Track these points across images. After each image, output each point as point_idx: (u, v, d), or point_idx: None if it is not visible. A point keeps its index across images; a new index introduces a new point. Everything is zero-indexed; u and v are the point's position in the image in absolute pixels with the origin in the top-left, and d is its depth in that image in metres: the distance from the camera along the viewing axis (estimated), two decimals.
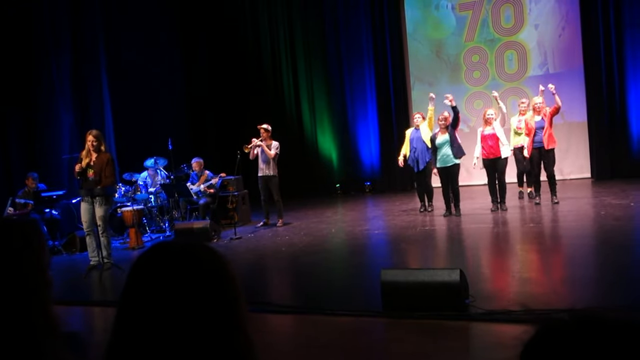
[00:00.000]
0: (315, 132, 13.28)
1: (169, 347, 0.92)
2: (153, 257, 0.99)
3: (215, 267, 0.98)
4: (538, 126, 8.24)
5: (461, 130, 12.02)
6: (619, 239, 6.25)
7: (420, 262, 6.38)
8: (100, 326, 4.91)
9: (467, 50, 11.99)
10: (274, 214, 9.30)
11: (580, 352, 0.68)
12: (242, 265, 7.05)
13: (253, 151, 9.07)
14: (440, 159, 8.33)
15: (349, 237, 8.02)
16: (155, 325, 0.92)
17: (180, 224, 8.94)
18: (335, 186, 12.87)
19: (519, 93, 11.34)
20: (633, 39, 10.62)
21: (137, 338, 0.93)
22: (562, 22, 11.26)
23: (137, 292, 0.97)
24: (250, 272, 6.68)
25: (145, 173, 9.83)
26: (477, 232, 7.31)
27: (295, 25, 13.25)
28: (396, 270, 4.60)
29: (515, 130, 8.93)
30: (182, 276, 0.95)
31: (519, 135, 8.81)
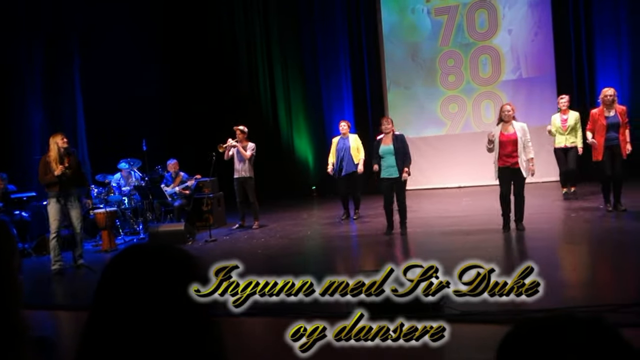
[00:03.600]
0: (292, 134, 13.27)
1: (141, 350, 0.91)
2: (126, 259, 0.98)
3: (188, 269, 0.98)
4: (610, 122, 7.45)
5: (436, 133, 12.22)
6: (589, 239, 6.40)
7: (397, 264, 6.41)
8: (70, 330, 4.81)
9: (442, 54, 12.13)
10: (250, 216, 9.26)
11: (553, 351, 0.71)
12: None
13: (228, 152, 9.01)
14: (384, 169, 7.45)
15: (325, 239, 8.02)
16: (127, 328, 0.92)
17: (155, 226, 8.83)
18: (311, 188, 12.87)
19: (493, 97, 11.53)
20: (603, 45, 10.89)
21: (108, 341, 0.92)
22: (535, 27, 11.49)
23: (109, 295, 0.96)
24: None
25: (119, 174, 9.69)
26: (451, 236, 7.38)
27: (272, 28, 13.22)
28: (372, 272, 4.61)
29: (558, 129, 8.76)
30: (155, 279, 0.94)
31: (562, 135, 8.74)
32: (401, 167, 7.34)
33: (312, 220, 9.72)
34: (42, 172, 6.89)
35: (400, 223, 7.55)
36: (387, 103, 12.59)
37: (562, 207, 8.52)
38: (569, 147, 8.72)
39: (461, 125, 12.10)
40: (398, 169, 7.34)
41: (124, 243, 9.03)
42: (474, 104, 11.97)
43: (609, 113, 7.47)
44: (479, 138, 10.47)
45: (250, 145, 9.05)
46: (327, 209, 10.80)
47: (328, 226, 8.92)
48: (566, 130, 8.70)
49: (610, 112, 7.47)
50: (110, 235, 8.49)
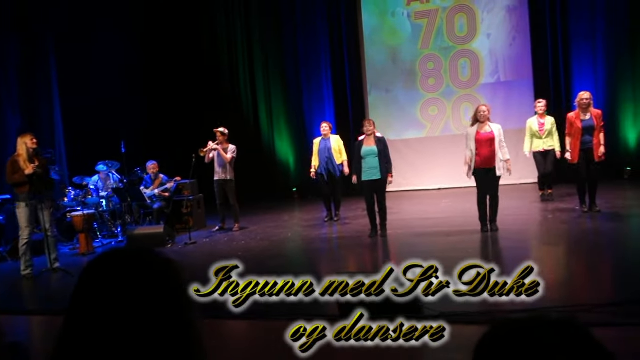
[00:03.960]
0: (273, 136, 13.24)
1: (118, 355, 0.90)
2: (103, 264, 0.97)
3: (167, 274, 0.97)
4: (585, 125, 7.56)
5: (416, 136, 12.32)
6: (566, 240, 6.50)
7: (376, 266, 6.44)
8: (45, 335, 4.73)
9: (422, 57, 12.23)
10: (230, 219, 9.21)
11: (527, 352, 0.73)
12: (197, 270, 6.92)
13: (209, 155, 8.96)
14: (366, 171, 7.41)
15: (306, 241, 8.02)
16: (104, 333, 0.90)
17: (133, 229, 8.73)
18: (292, 190, 12.85)
19: (472, 100, 11.65)
20: (579, 50, 11.10)
21: (84, 347, 0.91)
22: (513, 32, 11.65)
23: (86, 300, 0.94)
24: (204, 278, 6.57)
25: (97, 177, 9.57)
26: (430, 238, 7.44)
27: (253, 29, 13.19)
28: (352, 274, 4.62)
29: (535, 133, 8.88)
30: (133, 283, 0.93)
31: (539, 139, 8.86)
32: (383, 169, 7.34)
33: (293, 222, 9.71)
34: (10, 171, 6.70)
35: (381, 225, 7.57)
36: (368, 105, 12.64)
37: (539, 209, 8.66)
38: (547, 151, 8.87)
39: (441, 127, 12.22)
40: (380, 171, 7.34)
41: (102, 246, 8.90)
42: (453, 106, 12.09)
43: (585, 117, 7.60)
44: (459, 140, 10.57)
45: (231, 148, 9.01)
46: (308, 211, 10.80)
47: (309, 228, 8.91)
48: (544, 134, 8.85)
49: (586, 116, 7.60)
50: (87, 239, 8.37)
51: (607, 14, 10.85)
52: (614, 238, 6.54)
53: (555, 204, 8.84)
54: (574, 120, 7.66)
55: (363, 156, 7.40)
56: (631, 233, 7.03)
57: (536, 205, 8.98)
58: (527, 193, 10.06)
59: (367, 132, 7.51)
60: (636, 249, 6.13)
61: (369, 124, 7.58)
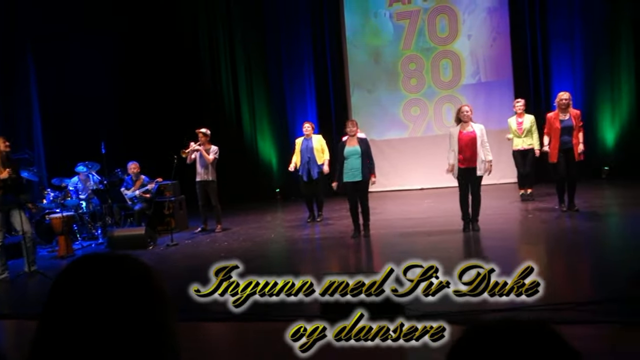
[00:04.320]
0: (255, 136, 13.19)
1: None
2: (79, 269, 0.95)
3: (143, 279, 0.95)
4: (565, 125, 7.65)
5: (398, 136, 12.38)
6: (545, 239, 6.57)
7: (359, 267, 6.45)
8: (19, 340, 4.64)
9: (404, 57, 12.29)
10: (212, 220, 9.15)
11: (498, 356, 0.75)
12: (179, 272, 6.87)
13: (191, 155, 8.90)
14: (347, 172, 7.40)
15: (289, 242, 8.00)
16: (78, 338, 0.89)
17: (114, 230, 8.62)
18: (275, 191, 12.82)
19: (453, 100, 11.73)
20: (558, 51, 11.25)
21: (59, 352, 0.89)
22: (493, 33, 11.76)
23: (60, 305, 0.93)
24: (187, 280, 6.52)
25: (76, 178, 9.43)
26: (413, 238, 7.47)
27: (236, 31, 13.12)
28: (335, 275, 4.62)
29: (514, 132, 8.99)
30: (109, 288, 0.92)
31: (519, 138, 8.97)
32: (365, 171, 7.35)
33: (276, 223, 9.68)
34: None
35: (364, 225, 7.59)
36: (351, 105, 12.67)
37: (520, 208, 8.75)
38: (526, 150, 8.97)
39: (423, 128, 12.28)
40: (362, 172, 7.35)
41: (82, 249, 8.80)
42: (435, 107, 12.17)
43: (564, 117, 7.70)
44: (441, 141, 10.65)
45: (213, 149, 8.96)
46: (291, 212, 10.78)
47: (292, 229, 8.90)
48: (522, 133, 8.95)
49: (565, 116, 7.70)
50: (67, 241, 8.25)
51: (584, 15, 11.01)
52: (593, 237, 6.64)
53: (535, 203, 8.95)
54: (553, 120, 7.76)
55: (346, 157, 7.40)
56: (609, 232, 7.15)
57: (516, 204, 9.07)
58: (507, 192, 10.16)
59: (350, 132, 7.51)
60: (614, 248, 6.23)
61: (352, 124, 7.59)
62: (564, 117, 7.69)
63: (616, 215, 7.88)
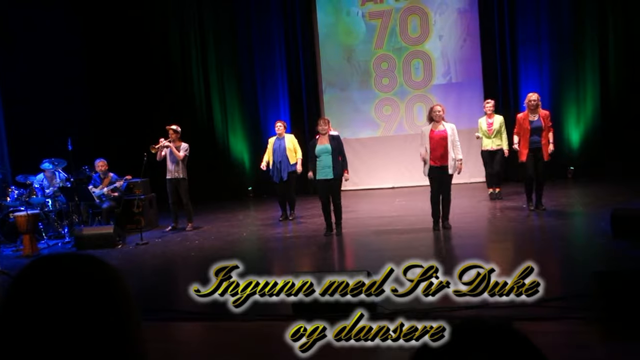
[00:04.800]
0: (227, 134, 13.07)
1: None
2: (37, 269, 0.91)
3: (106, 281, 0.92)
4: (534, 126, 7.78)
5: (370, 135, 12.44)
6: (513, 237, 6.69)
7: (330, 265, 6.46)
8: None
9: (376, 57, 12.35)
10: (183, 218, 9.05)
11: (464, 353, 0.76)
12: (148, 271, 6.79)
13: (160, 152, 8.77)
14: (320, 169, 7.43)
15: (260, 240, 7.97)
16: (35, 343, 0.85)
17: (81, 229, 8.44)
18: (247, 189, 12.74)
19: (425, 100, 11.85)
20: (526, 54, 11.46)
21: (16, 356, 0.86)
22: (464, 34, 11.91)
23: (16, 308, 0.89)
24: (156, 279, 6.44)
25: (42, 175, 9.20)
26: (384, 236, 7.53)
27: (208, 28, 12.96)
28: (307, 274, 4.62)
29: (484, 132, 9.13)
30: (68, 291, 0.88)
31: (488, 138, 9.10)
32: (337, 168, 7.37)
33: (247, 222, 9.62)
34: None
35: (336, 224, 7.61)
36: (323, 104, 12.67)
37: (488, 207, 8.90)
38: (495, 150, 9.13)
39: (394, 127, 12.37)
40: (334, 169, 7.36)
41: (48, 247, 8.59)
42: (406, 106, 12.27)
43: (533, 117, 7.84)
44: (412, 140, 10.77)
45: (184, 146, 8.85)
46: (263, 210, 10.73)
47: (264, 227, 8.86)
48: (492, 133, 9.11)
49: (534, 117, 7.84)
50: (32, 240, 8.03)
51: (550, 19, 11.25)
52: (559, 235, 6.79)
53: (503, 202, 9.11)
54: (522, 120, 7.90)
55: (317, 155, 7.43)
56: (574, 230, 7.33)
57: (485, 203, 9.22)
58: (476, 191, 10.32)
59: (321, 131, 7.52)
60: (579, 246, 6.40)
61: (324, 122, 7.59)
62: (533, 118, 7.84)
63: (581, 215, 8.08)
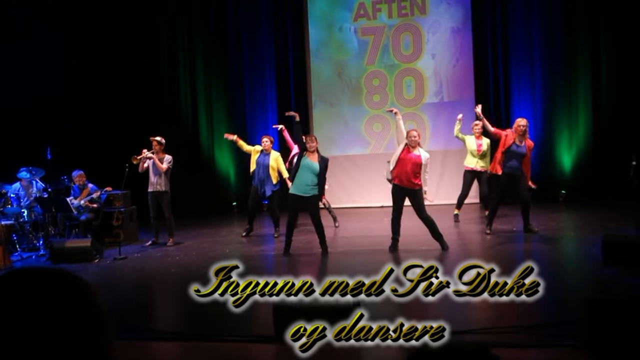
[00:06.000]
0: (213, 147, 12.82)
1: None
2: (7, 283, 0.90)
3: (78, 296, 0.91)
4: (517, 151, 7.73)
5: (360, 152, 12.27)
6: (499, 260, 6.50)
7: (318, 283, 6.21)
8: None
9: (368, 73, 12.24)
10: (165, 233, 8.76)
11: None
12: (126, 288, 6.51)
13: (143, 164, 8.49)
14: (298, 184, 7.16)
15: (244, 258, 7.68)
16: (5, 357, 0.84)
17: (57, 241, 8.12)
18: (232, 204, 12.46)
19: (415, 118, 11.72)
20: (518, 75, 11.42)
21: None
22: (457, 53, 11.85)
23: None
24: (134, 296, 6.16)
25: (18, 184, 8.90)
26: (371, 256, 7.31)
27: (196, 38, 12.80)
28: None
29: (473, 152, 9.07)
30: (38, 305, 0.87)
31: (474, 158, 9.05)
32: (317, 189, 7.17)
33: (231, 238, 9.33)
34: None
35: (320, 244, 7.35)
36: (313, 120, 12.50)
37: (475, 229, 8.71)
38: (480, 171, 9.04)
39: (385, 144, 12.20)
40: (313, 189, 7.15)
41: (21, 260, 8.26)
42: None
43: (520, 143, 7.75)
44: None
45: (167, 158, 8.59)
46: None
47: (248, 244, 8.59)
48: (480, 153, 9.03)
49: (520, 143, 7.75)
50: (4, 252, 7.69)
51: (543, 42, 11.24)
52: (548, 260, 6.60)
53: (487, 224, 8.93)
54: (509, 139, 7.72)
55: (301, 167, 7.21)
56: (564, 255, 7.16)
57: (474, 226, 9.04)
58: (466, 213, 10.14)
59: (309, 148, 7.34)
60: (569, 272, 6.22)
61: (312, 139, 7.42)
62: (519, 144, 7.73)
63: (571, 239, 7.92)
